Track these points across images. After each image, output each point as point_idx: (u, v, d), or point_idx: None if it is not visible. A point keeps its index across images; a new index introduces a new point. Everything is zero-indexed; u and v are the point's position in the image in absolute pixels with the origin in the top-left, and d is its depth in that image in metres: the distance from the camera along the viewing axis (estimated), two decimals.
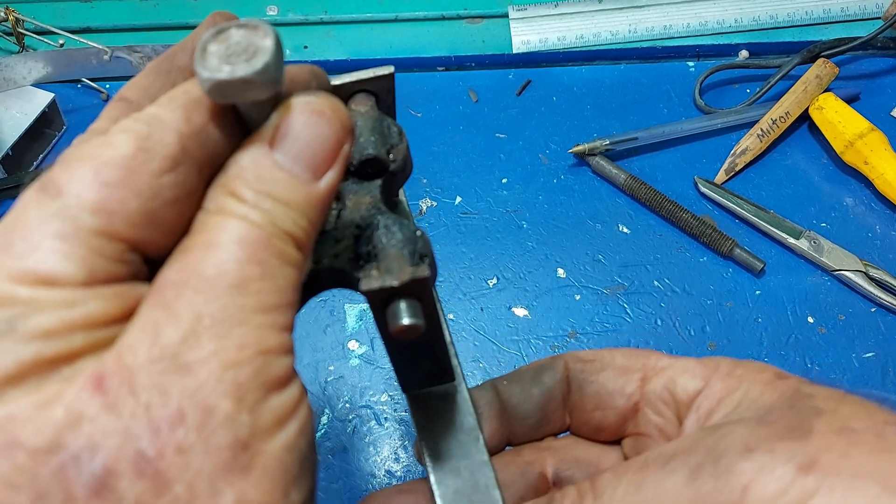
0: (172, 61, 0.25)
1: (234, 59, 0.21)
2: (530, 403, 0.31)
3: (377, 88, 0.31)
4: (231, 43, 0.21)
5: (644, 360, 0.30)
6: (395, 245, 0.26)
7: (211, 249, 0.20)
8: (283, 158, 0.21)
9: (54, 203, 0.19)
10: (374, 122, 0.30)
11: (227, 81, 0.21)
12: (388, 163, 0.30)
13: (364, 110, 0.30)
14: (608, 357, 0.31)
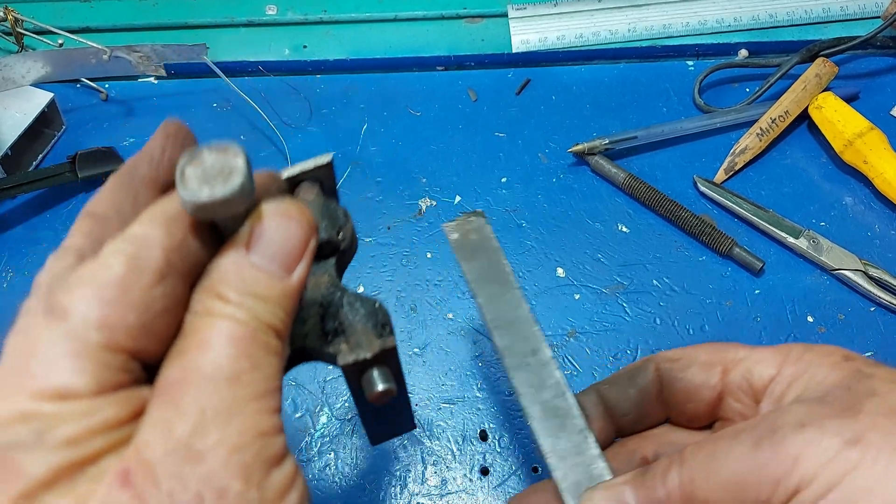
0: (133, 174, 0.27)
1: (211, 181, 0.24)
2: (629, 402, 0.36)
3: (320, 176, 0.34)
4: (206, 166, 0.24)
5: (723, 354, 0.34)
6: (360, 320, 0.30)
7: (205, 349, 0.22)
8: (259, 259, 0.24)
9: (63, 325, 0.22)
10: (322, 207, 0.33)
11: (208, 202, 0.23)
12: (339, 243, 0.33)
13: (311, 198, 0.34)
14: (692, 354, 0.34)
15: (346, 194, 0.62)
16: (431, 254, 0.58)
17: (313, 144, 0.65)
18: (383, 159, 0.64)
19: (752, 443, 0.28)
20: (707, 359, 0.34)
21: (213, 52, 0.67)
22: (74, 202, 0.62)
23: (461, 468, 0.50)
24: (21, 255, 0.59)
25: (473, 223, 0.40)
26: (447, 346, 0.54)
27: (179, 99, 0.68)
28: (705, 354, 0.34)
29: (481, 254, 0.39)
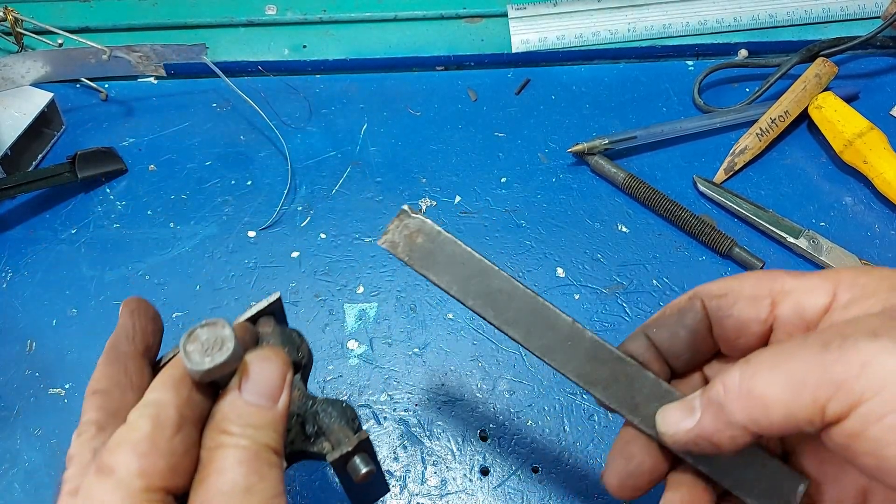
0: (117, 351, 0.34)
1: (210, 352, 0.31)
2: (681, 343, 0.35)
3: (273, 310, 0.41)
4: (203, 340, 0.31)
5: (770, 285, 0.33)
6: (335, 421, 0.37)
7: (221, 473, 0.29)
8: (250, 397, 0.30)
9: (111, 478, 0.28)
10: (281, 335, 0.40)
11: (211, 368, 0.31)
12: (300, 361, 0.40)
13: (269, 330, 0.40)
14: (738, 288, 0.33)
15: (345, 194, 0.62)
16: None
17: (313, 144, 0.65)
18: (383, 159, 0.64)
19: (820, 344, 0.28)
20: (754, 292, 0.33)
21: (212, 52, 0.67)
22: (74, 202, 0.62)
23: (461, 468, 0.50)
24: (21, 255, 0.59)
25: (412, 224, 0.36)
26: (447, 346, 0.54)
27: (179, 99, 0.68)
28: (751, 287, 0.33)
29: (440, 255, 0.36)
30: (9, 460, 0.50)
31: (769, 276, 0.33)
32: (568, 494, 0.49)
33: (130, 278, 0.58)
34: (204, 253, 0.59)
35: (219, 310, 0.56)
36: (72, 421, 0.51)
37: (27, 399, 0.52)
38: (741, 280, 0.33)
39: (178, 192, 0.62)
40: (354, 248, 0.59)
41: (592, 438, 0.50)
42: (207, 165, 0.64)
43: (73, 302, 0.57)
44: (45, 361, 0.54)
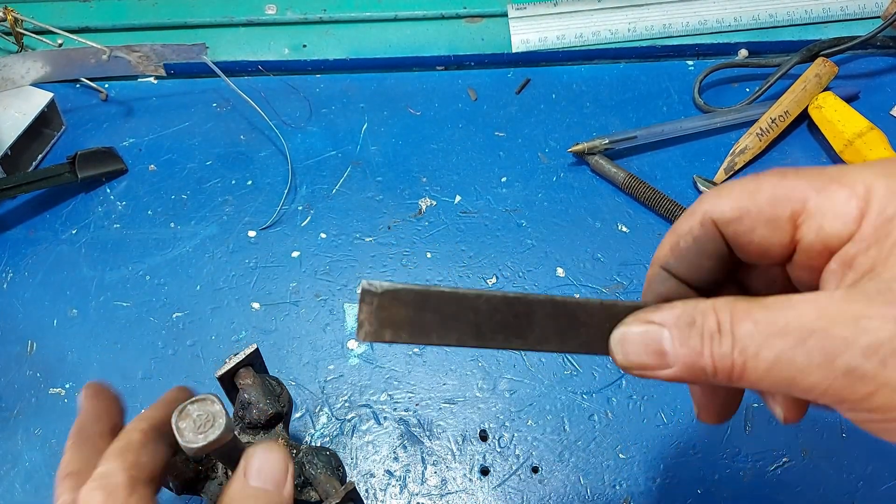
0: (84, 434, 0.36)
1: (202, 429, 0.33)
2: (705, 272, 0.31)
3: (251, 360, 0.43)
4: (194, 417, 0.33)
5: (790, 204, 0.28)
6: (321, 471, 0.40)
7: None
8: (256, 482, 0.32)
9: None
10: (261, 386, 0.42)
11: (205, 445, 0.33)
12: (282, 410, 0.43)
13: (251, 381, 0.42)
14: (754, 209, 0.28)
15: (345, 194, 0.62)
16: (431, 253, 0.58)
17: (313, 144, 0.65)
18: (383, 159, 0.64)
19: (844, 292, 0.25)
20: (773, 212, 0.28)
21: (212, 51, 0.67)
22: (74, 202, 0.62)
23: (461, 468, 0.50)
24: (21, 255, 0.59)
25: (384, 299, 0.28)
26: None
27: (179, 99, 0.68)
28: (769, 207, 0.28)
29: (429, 313, 0.29)
30: (9, 460, 0.50)
31: (786, 188, 0.28)
32: (568, 494, 0.49)
33: (131, 278, 0.58)
34: (204, 253, 0.59)
35: (219, 310, 0.56)
36: (72, 421, 0.51)
37: (28, 399, 0.52)
38: (754, 196, 0.28)
39: (179, 192, 0.62)
40: (355, 248, 0.59)
41: (593, 438, 0.50)
42: (208, 165, 0.64)
43: (74, 302, 0.57)
44: (45, 362, 0.54)
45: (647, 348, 0.28)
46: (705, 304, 0.27)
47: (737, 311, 0.26)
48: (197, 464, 0.42)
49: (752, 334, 0.25)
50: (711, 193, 0.29)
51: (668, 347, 0.28)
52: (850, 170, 0.27)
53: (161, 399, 0.37)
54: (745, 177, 0.29)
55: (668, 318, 0.28)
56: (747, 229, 0.28)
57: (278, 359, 0.54)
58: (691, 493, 0.48)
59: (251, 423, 0.43)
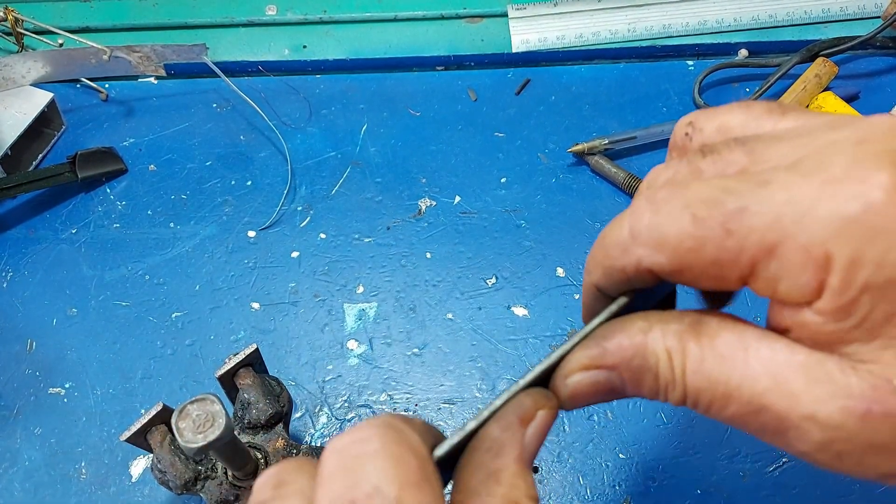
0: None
1: (202, 429, 0.32)
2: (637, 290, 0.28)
3: (251, 360, 0.42)
4: (193, 417, 0.33)
5: (735, 267, 0.23)
6: None
7: None
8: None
9: None
10: (261, 386, 0.42)
11: (204, 445, 0.32)
12: (282, 410, 0.42)
13: (250, 381, 0.42)
14: (695, 267, 0.24)
15: (345, 194, 0.62)
16: (431, 254, 0.59)
17: (313, 144, 0.65)
18: (383, 159, 0.64)
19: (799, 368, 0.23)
20: (717, 273, 0.24)
21: (212, 52, 0.68)
22: (74, 202, 0.62)
23: None
24: (21, 255, 0.59)
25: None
26: (446, 346, 0.54)
27: (179, 99, 0.68)
28: (713, 268, 0.24)
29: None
30: (9, 460, 0.50)
31: (734, 251, 0.23)
32: (567, 494, 0.49)
33: (130, 278, 0.58)
34: (204, 253, 0.59)
35: (218, 309, 0.56)
36: (71, 420, 0.51)
37: (27, 399, 0.52)
38: (697, 254, 0.24)
39: (178, 192, 0.62)
40: (354, 248, 0.59)
41: (592, 438, 0.50)
42: (207, 165, 0.64)
43: (74, 301, 0.57)
44: (45, 361, 0.54)
45: (597, 393, 0.26)
46: (655, 344, 0.25)
47: (688, 360, 0.24)
48: (197, 464, 0.42)
49: (702, 392, 0.24)
50: (644, 232, 0.25)
51: (619, 386, 0.26)
52: (809, 219, 0.22)
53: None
54: (683, 212, 0.24)
55: (618, 361, 0.25)
56: (688, 279, 0.25)
57: (277, 359, 0.54)
58: (691, 494, 0.48)
59: (251, 423, 0.43)
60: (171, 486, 0.41)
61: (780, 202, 0.22)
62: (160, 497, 0.49)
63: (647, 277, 0.26)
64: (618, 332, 0.26)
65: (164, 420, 0.41)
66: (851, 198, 0.21)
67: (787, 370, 0.23)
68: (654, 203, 0.24)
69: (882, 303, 0.22)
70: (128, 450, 0.50)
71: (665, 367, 0.25)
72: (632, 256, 0.25)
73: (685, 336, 0.25)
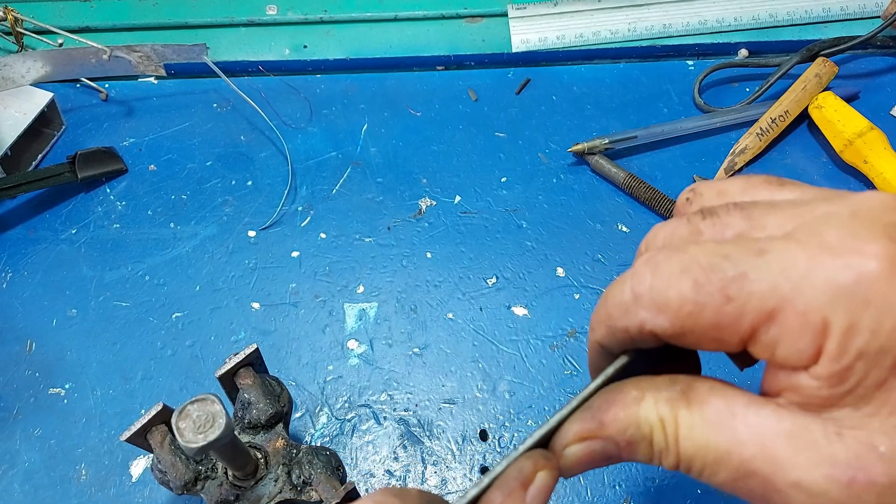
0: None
1: (203, 429, 0.32)
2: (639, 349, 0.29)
3: (251, 360, 0.42)
4: (194, 417, 0.33)
5: (735, 331, 0.24)
6: (321, 471, 0.40)
7: None
8: None
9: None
10: (261, 386, 0.42)
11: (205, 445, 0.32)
12: (282, 410, 0.42)
13: (251, 381, 0.42)
14: (696, 330, 0.25)
15: (345, 195, 0.62)
16: (431, 254, 0.58)
17: (313, 144, 0.64)
18: (383, 159, 0.64)
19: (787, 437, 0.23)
20: (717, 336, 0.25)
21: (213, 51, 0.67)
22: (74, 202, 0.62)
23: (461, 468, 0.50)
24: (21, 255, 0.59)
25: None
26: (447, 346, 0.54)
27: (179, 99, 0.68)
28: (713, 331, 0.25)
29: None
30: (8, 460, 0.50)
31: (734, 315, 0.24)
32: (567, 494, 0.49)
33: (130, 278, 0.58)
34: (204, 253, 0.59)
35: (218, 310, 0.56)
36: (71, 421, 0.51)
37: (27, 399, 0.52)
38: (697, 317, 0.24)
39: (179, 192, 0.62)
40: (355, 249, 0.59)
41: None
42: (208, 165, 0.64)
43: (73, 302, 0.57)
44: (44, 361, 0.54)
45: (594, 461, 0.27)
46: (647, 413, 0.26)
47: (680, 428, 0.25)
48: (197, 464, 0.42)
49: (694, 458, 0.25)
50: (646, 294, 0.25)
51: (616, 454, 0.27)
52: (806, 286, 0.23)
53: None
54: (682, 276, 0.24)
55: (613, 432, 0.26)
56: (690, 342, 0.25)
57: (278, 359, 0.54)
58: (691, 493, 0.48)
59: (251, 423, 0.43)
60: (172, 487, 0.41)
61: (778, 270, 0.23)
62: (160, 497, 0.49)
63: (649, 339, 0.26)
64: (612, 404, 0.27)
65: (165, 420, 0.41)
66: (847, 267, 0.22)
67: (774, 437, 0.23)
68: (655, 265, 0.25)
69: (875, 369, 0.22)
70: (128, 450, 0.50)
71: (659, 435, 0.26)
72: (634, 318, 0.26)
73: (676, 404, 0.25)
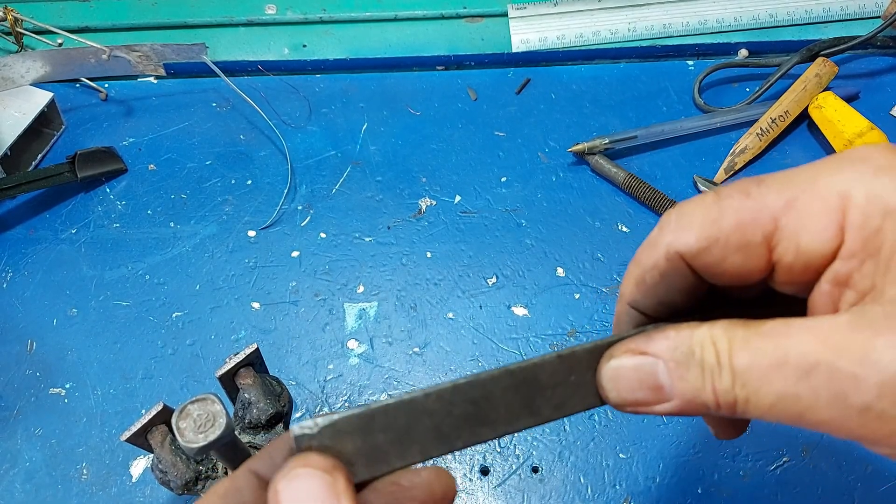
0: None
1: (203, 429, 0.32)
2: (677, 304, 0.29)
3: (251, 360, 0.42)
4: (194, 417, 0.33)
5: (761, 227, 0.25)
6: None
7: None
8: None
9: None
10: (262, 386, 0.42)
11: (206, 445, 0.32)
12: (282, 410, 0.42)
13: (251, 381, 0.42)
14: (721, 237, 0.25)
15: (345, 194, 0.62)
16: (431, 253, 0.58)
17: (313, 144, 0.64)
18: (383, 158, 0.64)
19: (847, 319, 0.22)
20: (743, 238, 0.25)
21: (212, 51, 0.67)
22: (74, 202, 0.62)
23: (461, 468, 0.50)
24: (21, 255, 0.59)
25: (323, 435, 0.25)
26: (447, 345, 0.54)
27: (179, 98, 0.68)
28: (738, 233, 0.25)
29: (380, 435, 0.26)
30: (9, 460, 0.50)
31: (752, 209, 0.25)
32: (568, 494, 0.49)
33: (130, 278, 0.58)
34: (204, 252, 0.59)
35: (219, 309, 0.56)
36: (72, 421, 0.51)
37: (27, 399, 0.52)
38: (718, 223, 0.25)
39: (178, 192, 0.62)
40: (354, 248, 0.59)
41: (592, 437, 0.50)
42: (207, 165, 0.64)
43: (74, 301, 0.57)
44: (45, 361, 0.54)
45: (641, 383, 0.26)
46: (701, 333, 0.25)
47: (735, 341, 0.24)
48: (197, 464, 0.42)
49: (751, 368, 0.24)
50: (672, 222, 0.27)
51: (664, 381, 0.26)
52: (820, 174, 0.24)
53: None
54: (707, 197, 0.26)
55: (663, 350, 0.26)
56: (717, 259, 0.26)
57: (278, 358, 0.54)
58: (691, 493, 0.48)
59: (251, 423, 0.43)
60: (172, 487, 0.41)
61: (791, 174, 0.25)
62: (161, 497, 0.49)
63: (679, 268, 0.26)
64: (665, 327, 0.26)
65: (165, 420, 0.41)
66: (850, 158, 0.24)
67: (834, 328, 0.23)
68: (675, 207, 0.27)
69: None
70: (128, 450, 0.50)
71: (710, 352, 0.24)
72: (661, 247, 0.26)
73: (730, 325, 0.25)
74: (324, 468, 0.24)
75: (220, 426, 0.33)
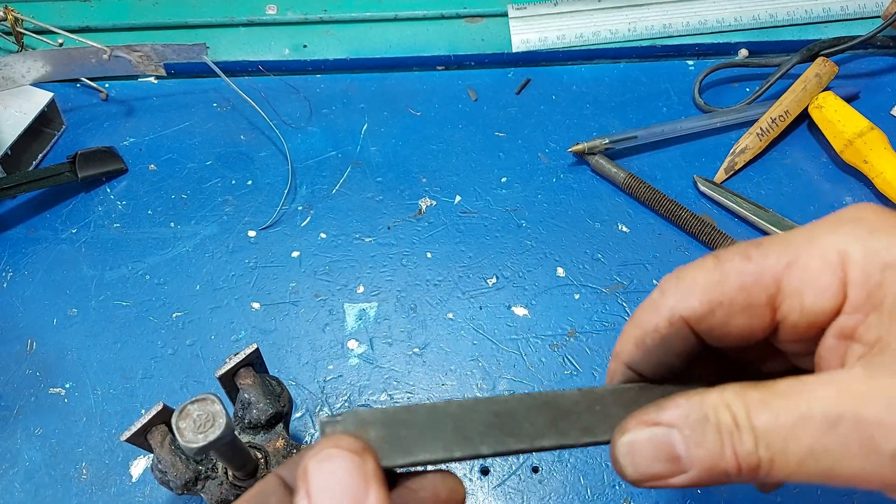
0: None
1: (203, 429, 0.33)
2: (675, 368, 0.29)
3: (251, 360, 0.42)
4: (194, 417, 0.33)
5: (764, 289, 0.25)
6: None
7: None
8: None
9: None
10: (262, 386, 0.42)
11: (205, 445, 0.32)
12: (282, 410, 0.42)
13: (251, 381, 0.42)
14: (725, 301, 0.26)
15: (345, 194, 0.62)
16: (431, 254, 0.58)
17: (313, 144, 0.64)
18: (383, 159, 0.64)
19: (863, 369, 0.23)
20: (746, 301, 0.26)
21: (213, 51, 0.67)
22: (74, 202, 0.62)
23: (461, 468, 0.50)
24: (21, 255, 0.59)
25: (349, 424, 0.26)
26: (447, 345, 0.54)
27: (179, 99, 0.68)
28: (742, 296, 0.26)
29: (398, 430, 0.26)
30: (9, 460, 0.50)
31: (753, 272, 0.25)
32: (568, 494, 0.49)
33: (130, 278, 0.58)
34: (204, 253, 0.59)
35: (219, 309, 0.56)
36: (72, 420, 0.51)
37: (27, 399, 0.52)
38: (721, 286, 0.26)
39: (179, 192, 0.62)
40: (355, 248, 0.59)
41: None
42: (208, 165, 0.64)
43: (74, 301, 0.57)
44: (45, 361, 0.54)
45: (657, 455, 0.25)
46: (713, 398, 0.24)
47: (751, 402, 0.24)
48: (197, 464, 0.42)
49: (774, 427, 0.23)
50: (673, 286, 0.27)
51: (681, 451, 0.25)
52: (817, 235, 0.25)
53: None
54: (707, 261, 0.26)
55: (676, 417, 0.25)
56: (721, 321, 0.26)
57: (278, 359, 0.54)
58: (691, 493, 0.48)
59: (251, 423, 0.43)
60: (172, 487, 0.41)
61: (788, 237, 0.26)
62: (161, 497, 0.49)
63: (681, 332, 0.27)
64: (674, 396, 0.25)
65: (165, 420, 0.41)
66: (843, 219, 0.25)
67: (850, 379, 0.23)
68: (675, 271, 0.27)
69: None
70: (128, 450, 0.50)
71: (725, 415, 0.24)
72: (664, 311, 0.27)
73: (742, 388, 0.24)
74: (354, 449, 0.24)
75: (219, 426, 0.33)
